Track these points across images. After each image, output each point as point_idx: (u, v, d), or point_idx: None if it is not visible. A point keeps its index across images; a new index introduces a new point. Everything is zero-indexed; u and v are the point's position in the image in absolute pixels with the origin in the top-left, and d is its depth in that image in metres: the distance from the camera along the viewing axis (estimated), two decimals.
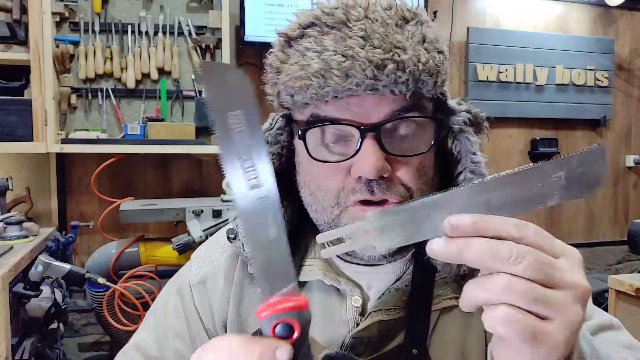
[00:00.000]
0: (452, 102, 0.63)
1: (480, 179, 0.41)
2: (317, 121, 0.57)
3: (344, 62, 0.53)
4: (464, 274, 0.62)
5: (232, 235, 0.67)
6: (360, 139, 0.55)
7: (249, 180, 0.40)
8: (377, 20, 0.55)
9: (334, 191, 0.58)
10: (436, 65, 0.56)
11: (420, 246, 0.64)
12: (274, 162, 0.64)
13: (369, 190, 0.56)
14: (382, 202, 0.57)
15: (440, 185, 0.64)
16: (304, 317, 0.40)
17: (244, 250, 0.65)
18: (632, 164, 3.38)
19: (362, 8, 0.56)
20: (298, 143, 0.63)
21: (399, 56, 0.53)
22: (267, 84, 0.63)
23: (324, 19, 0.56)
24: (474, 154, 0.61)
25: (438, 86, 0.58)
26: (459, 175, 0.63)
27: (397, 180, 0.57)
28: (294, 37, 0.58)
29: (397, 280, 0.65)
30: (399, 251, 0.63)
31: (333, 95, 0.54)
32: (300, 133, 0.58)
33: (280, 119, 0.64)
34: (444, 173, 0.65)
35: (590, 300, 0.66)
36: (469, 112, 0.62)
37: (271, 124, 0.65)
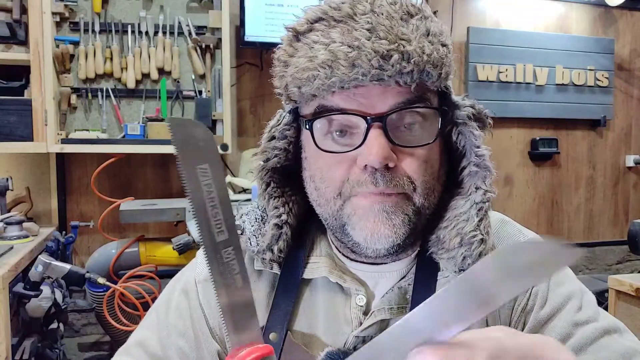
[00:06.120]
0: (456, 97, 0.64)
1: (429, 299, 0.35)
2: (324, 112, 0.58)
3: (350, 52, 0.54)
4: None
5: (239, 231, 0.67)
6: (366, 129, 0.56)
7: (217, 230, 0.42)
8: (382, 14, 0.56)
9: (337, 182, 0.59)
10: (440, 57, 0.57)
11: (424, 245, 0.65)
12: (280, 158, 0.65)
13: (372, 181, 0.56)
14: (382, 193, 0.57)
15: (447, 180, 0.65)
16: None
17: (251, 245, 0.66)
18: (632, 164, 3.38)
19: (368, 3, 0.57)
20: (305, 137, 0.64)
21: (403, 47, 0.55)
22: (275, 78, 0.63)
23: (331, 13, 0.57)
24: (477, 147, 0.62)
25: (442, 78, 0.59)
26: (463, 170, 0.64)
27: (402, 172, 0.58)
28: (302, 32, 0.59)
29: (402, 279, 0.65)
30: (404, 249, 0.63)
31: (339, 85, 0.55)
32: (307, 124, 0.59)
33: (288, 114, 0.65)
34: (449, 169, 0.66)
35: (594, 301, 0.66)
36: (472, 107, 0.63)
37: (278, 120, 0.66)
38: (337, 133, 0.59)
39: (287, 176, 0.68)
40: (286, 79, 0.60)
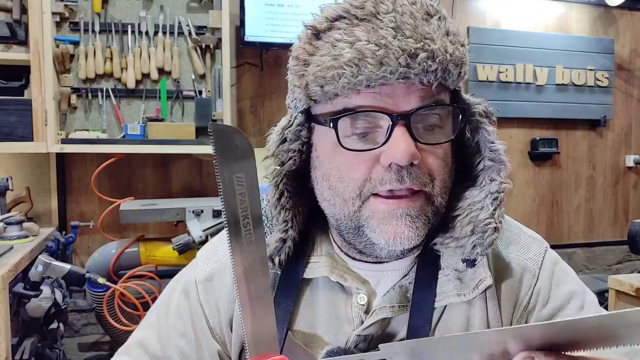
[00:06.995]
0: (466, 95, 0.65)
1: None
2: (348, 110, 0.58)
3: (378, 50, 0.54)
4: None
5: None
6: (390, 127, 0.56)
7: (246, 238, 0.43)
8: (406, 14, 0.57)
9: (358, 181, 0.59)
10: (460, 56, 0.59)
11: (426, 243, 0.65)
12: (294, 160, 0.64)
13: (398, 179, 0.56)
14: (404, 196, 0.57)
15: (457, 177, 0.65)
16: None
17: None
18: (632, 164, 3.38)
19: (389, 2, 0.58)
20: (318, 136, 0.63)
21: (429, 46, 0.55)
22: (294, 77, 0.62)
23: (353, 11, 0.57)
24: (492, 142, 0.63)
25: (460, 77, 0.60)
26: (478, 165, 0.64)
27: (425, 169, 0.58)
28: (322, 30, 0.59)
29: (403, 277, 0.65)
30: (409, 249, 0.63)
31: (366, 84, 0.55)
32: (331, 122, 0.58)
33: (300, 115, 0.64)
34: (460, 166, 0.66)
35: (596, 301, 0.66)
36: (480, 104, 0.64)
37: (290, 121, 0.65)
38: (360, 131, 0.58)
39: (296, 179, 0.67)
40: (307, 78, 0.59)
